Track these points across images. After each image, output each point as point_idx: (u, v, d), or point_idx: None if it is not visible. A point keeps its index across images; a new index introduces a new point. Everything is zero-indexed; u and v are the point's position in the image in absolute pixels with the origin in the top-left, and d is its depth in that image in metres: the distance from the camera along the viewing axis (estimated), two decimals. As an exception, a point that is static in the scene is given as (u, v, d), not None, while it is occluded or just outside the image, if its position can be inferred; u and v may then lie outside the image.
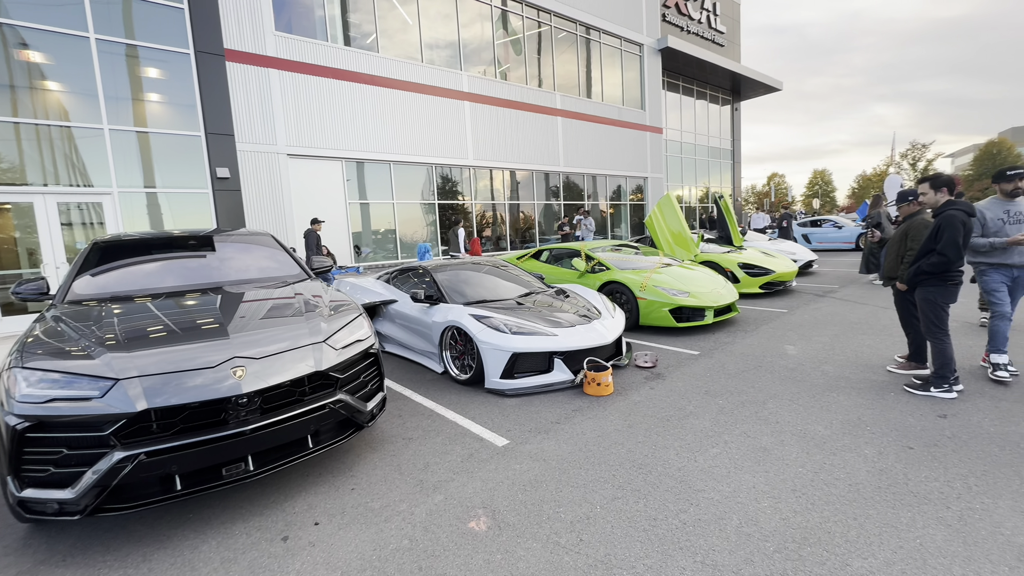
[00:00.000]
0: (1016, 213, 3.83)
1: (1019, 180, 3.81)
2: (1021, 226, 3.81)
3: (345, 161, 11.52)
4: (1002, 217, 3.84)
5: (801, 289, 8.79)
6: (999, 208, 3.87)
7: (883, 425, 3.19)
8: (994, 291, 3.90)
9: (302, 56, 10.69)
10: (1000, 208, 3.87)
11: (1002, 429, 3.05)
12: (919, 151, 50.38)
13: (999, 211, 3.86)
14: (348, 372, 2.83)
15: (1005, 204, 3.87)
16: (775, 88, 25.80)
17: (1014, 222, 3.82)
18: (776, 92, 26.48)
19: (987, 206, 3.93)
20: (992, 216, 3.87)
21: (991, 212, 3.89)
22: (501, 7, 14.50)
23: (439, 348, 4.63)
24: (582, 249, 7.29)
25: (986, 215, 3.90)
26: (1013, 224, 3.82)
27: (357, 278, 6.55)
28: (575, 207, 17.10)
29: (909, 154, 50.93)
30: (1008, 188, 3.85)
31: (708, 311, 5.86)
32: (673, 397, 3.87)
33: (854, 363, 4.50)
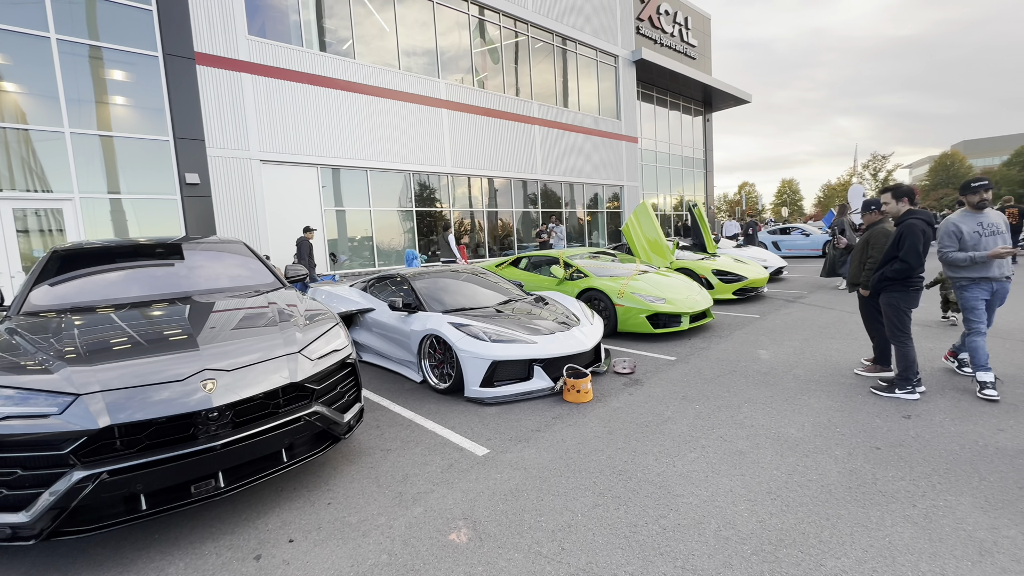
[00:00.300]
0: (990, 225, 3.74)
1: (984, 192, 3.71)
2: (997, 238, 3.72)
3: (321, 167, 11.35)
4: (977, 230, 3.74)
5: (772, 295, 9.05)
6: (972, 221, 3.77)
7: (852, 426, 3.29)
8: (974, 308, 3.79)
9: (276, 61, 10.52)
10: (974, 221, 3.77)
11: (962, 428, 3.19)
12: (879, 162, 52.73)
13: (973, 224, 3.76)
14: (324, 383, 2.77)
15: (977, 216, 3.77)
16: (744, 100, 26.66)
17: (989, 234, 3.73)
18: (746, 104, 27.36)
19: (961, 220, 3.82)
20: (968, 230, 3.76)
21: (966, 225, 3.77)
22: (478, 16, 14.61)
23: (418, 357, 4.58)
24: (560, 256, 7.34)
25: (962, 228, 3.78)
26: (989, 236, 3.73)
27: (333, 286, 6.43)
28: (553, 214, 17.24)
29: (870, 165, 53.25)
30: (975, 200, 3.74)
31: (684, 317, 5.97)
32: (651, 403, 3.92)
33: (823, 366, 4.64)
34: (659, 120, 23.97)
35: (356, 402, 3.07)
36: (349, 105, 11.68)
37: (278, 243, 10.56)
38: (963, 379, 4.09)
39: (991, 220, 3.76)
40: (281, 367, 2.60)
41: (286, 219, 10.81)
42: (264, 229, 10.35)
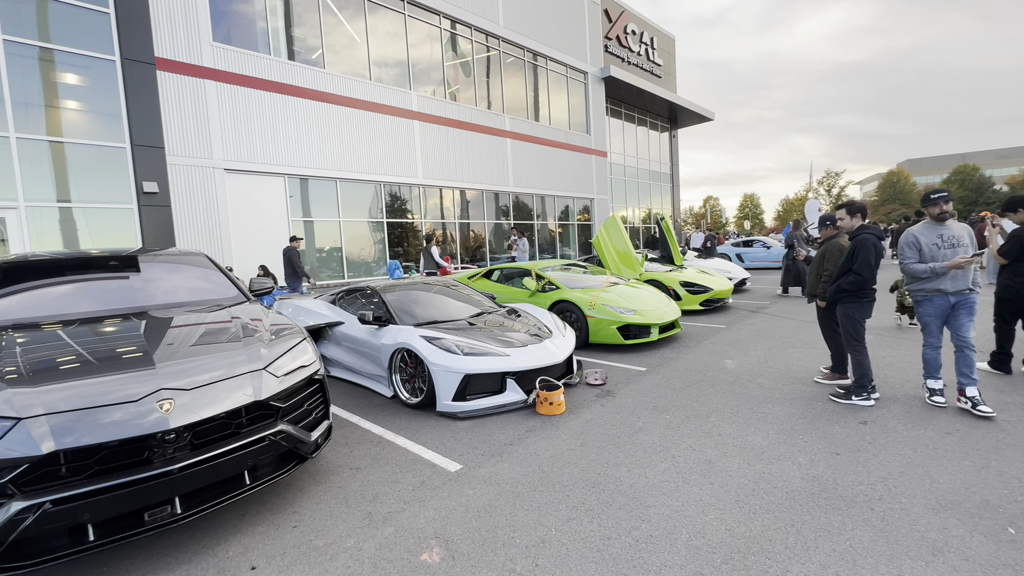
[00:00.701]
0: (950, 237, 3.71)
1: (943, 203, 3.69)
2: (957, 250, 3.68)
3: (288, 177, 11.11)
4: (936, 242, 3.73)
5: (737, 306, 9.35)
6: (932, 233, 3.75)
7: (813, 433, 3.41)
8: (927, 325, 3.83)
9: (242, 68, 10.29)
10: (934, 233, 3.75)
11: (914, 432, 3.36)
12: (833, 179, 55.66)
13: (933, 236, 3.74)
14: (290, 401, 2.68)
15: (937, 228, 3.75)
16: (708, 118, 27.73)
17: (949, 246, 3.71)
18: (709, 121, 28.44)
19: (921, 232, 3.81)
20: (927, 241, 3.75)
21: (926, 237, 3.76)
22: (450, 30, 14.73)
23: (388, 371, 4.49)
24: (533, 269, 7.39)
25: (921, 240, 3.77)
26: (948, 248, 3.70)
27: (300, 299, 6.25)
28: (515, 228, 17.37)
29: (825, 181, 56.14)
30: (935, 212, 3.73)
31: (654, 328, 6.09)
32: (623, 414, 3.96)
33: (786, 375, 4.81)
34: (627, 135, 24.63)
35: (324, 419, 2.98)
36: (318, 115, 11.51)
37: (242, 255, 10.23)
38: (914, 386, 4.32)
39: (953, 232, 3.72)
40: (244, 385, 2.50)
41: (251, 230, 10.50)
42: (227, 240, 10.02)
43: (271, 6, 10.90)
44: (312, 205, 11.66)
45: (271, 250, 10.73)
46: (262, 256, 10.43)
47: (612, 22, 22.00)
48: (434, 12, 14.11)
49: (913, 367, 4.85)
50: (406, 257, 13.70)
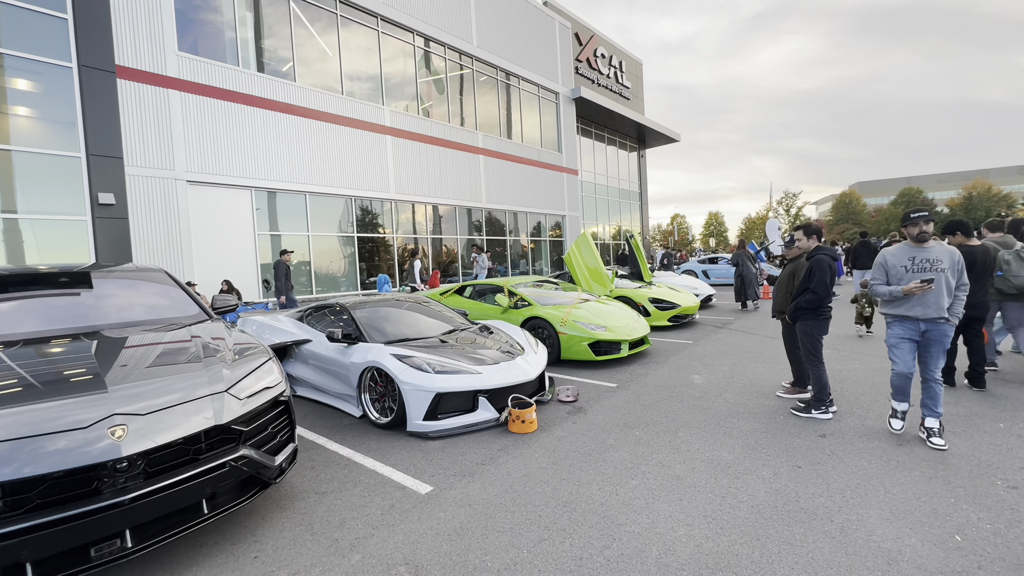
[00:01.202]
0: (922, 260, 3.46)
1: (923, 223, 3.44)
2: (928, 275, 3.43)
3: (255, 190, 10.84)
4: (905, 264, 3.52)
5: (703, 321, 9.61)
6: (904, 255, 3.55)
7: (776, 447, 3.52)
8: (893, 347, 3.60)
9: (209, 79, 10.06)
10: (905, 255, 3.55)
11: (869, 445, 3.51)
12: (791, 199, 58.40)
13: (903, 258, 3.55)
14: (254, 424, 2.59)
15: (911, 250, 3.53)
16: (674, 139, 28.74)
17: (918, 269, 3.47)
18: (675, 143, 29.48)
19: (894, 252, 3.62)
20: (895, 263, 3.56)
21: (895, 259, 3.57)
22: (424, 48, 14.85)
23: (358, 390, 4.40)
24: (505, 285, 7.41)
25: (889, 261, 3.59)
26: (916, 272, 3.47)
27: (266, 316, 6.06)
28: (497, 242, 17.45)
29: (784, 201, 58.82)
30: (914, 232, 3.49)
31: (624, 344, 6.18)
32: (594, 431, 3.98)
33: (750, 390, 4.96)
34: (597, 154, 25.24)
35: (289, 442, 2.88)
36: (288, 127, 11.34)
37: (205, 269, 9.87)
38: (868, 398, 4.52)
39: (930, 255, 3.47)
40: (204, 408, 2.40)
41: (215, 244, 10.16)
42: (188, 254, 9.65)
43: (240, 17, 10.75)
44: (280, 218, 11.40)
45: (236, 265, 10.40)
46: (226, 271, 10.09)
47: (582, 45, 22.68)
48: (408, 30, 14.22)
49: (868, 380, 5.09)
50: (376, 271, 13.52)
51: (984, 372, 4.71)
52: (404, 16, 13.97)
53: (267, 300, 10.51)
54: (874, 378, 5.16)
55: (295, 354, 5.22)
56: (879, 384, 4.94)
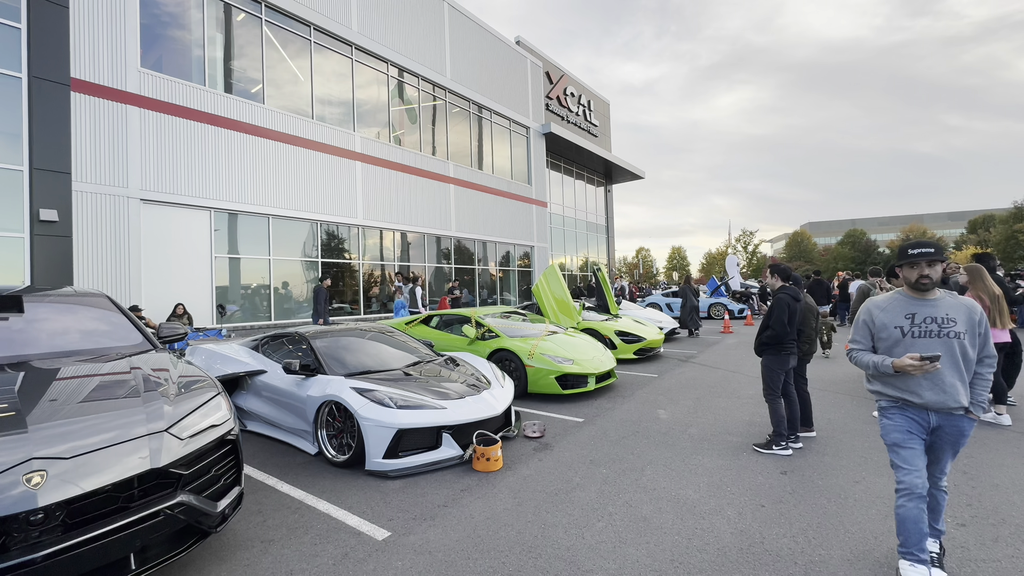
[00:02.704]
0: (928, 320, 2.33)
1: (927, 264, 2.32)
2: (934, 341, 2.30)
3: (215, 211, 10.48)
4: (902, 324, 2.37)
5: (668, 354, 9.78)
6: (898, 310, 2.41)
7: (740, 485, 3.54)
8: (895, 444, 2.38)
9: (172, 97, 9.81)
10: (902, 310, 2.40)
11: (827, 482, 3.58)
12: (748, 237, 61.42)
13: (898, 315, 2.40)
14: (196, 466, 2.39)
15: (911, 304, 2.39)
16: (639, 176, 29.92)
17: (923, 334, 2.33)
18: (640, 179, 30.69)
19: (885, 305, 2.46)
20: (888, 320, 2.42)
21: (885, 314, 2.43)
22: (397, 78, 15.06)
23: (314, 426, 4.18)
24: (473, 316, 7.34)
25: (875, 318, 2.46)
26: (921, 338, 2.33)
27: (218, 344, 5.76)
28: (466, 271, 17.43)
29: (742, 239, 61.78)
30: (912, 277, 2.36)
31: (591, 378, 6.19)
32: (560, 468, 3.91)
33: (714, 425, 5.02)
34: (566, 187, 25.93)
35: (235, 486, 2.68)
36: (254, 149, 11.13)
37: (155, 293, 9.36)
38: (825, 431, 4.65)
39: (939, 312, 2.34)
40: (140, 449, 2.21)
41: (167, 266, 9.69)
42: (137, 278, 9.15)
43: (210, 36, 10.63)
44: (240, 241, 11.03)
45: (189, 288, 9.92)
46: (178, 295, 9.60)
47: (553, 83, 23.59)
48: (382, 59, 14.42)
49: (826, 412, 5.25)
50: (340, 297, 13.18)
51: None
52: (379, 47, 14.18)
53: (220, 326, 10.02)
54: (829, 411, 5.33)
55: (248, 386, 4.97)
56: (833, 416, 5.10)
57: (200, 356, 5.43)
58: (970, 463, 3.84)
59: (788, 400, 4.44)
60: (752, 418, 5.22)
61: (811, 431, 4.65)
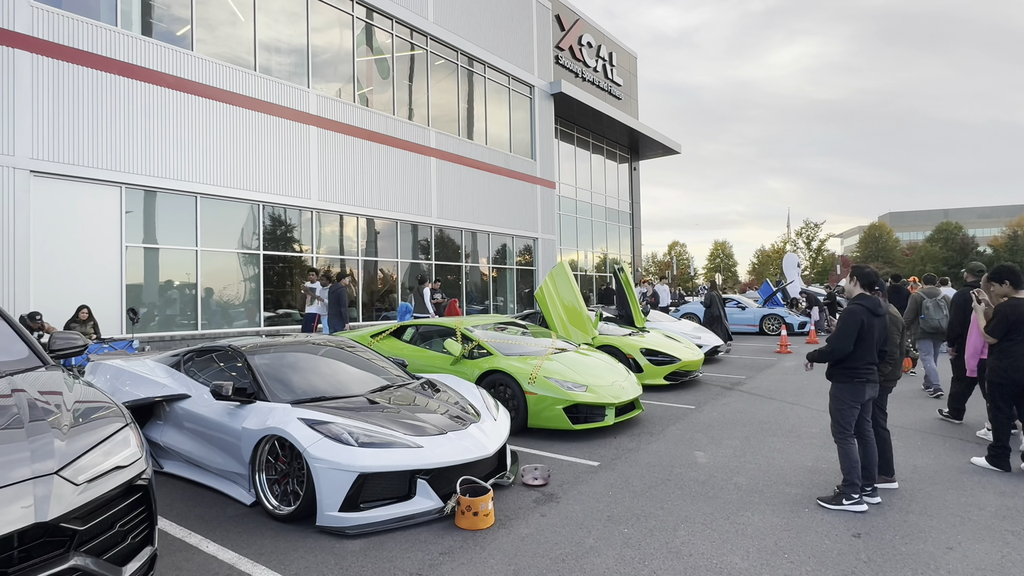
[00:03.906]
0: None
1: None
2: None
3: (127, 188, 10.46)
4: None
5: (707, 380, 9.79)
6: None
7: (800, 551, 3.53)
8: None
9: (74, 40, 9.80)
10: None
11: (913, 548, 3.57)
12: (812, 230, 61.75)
13: None
14: (95, 520, 2.36)
15: None
16: (674, 150, 30.09)
17: None
18: (675, 155, 30.84)
19: None
20: None
21: None
22: (365, 20, 15.09)
23: (251, 467, 4.18)
24: (458, 327, 7.34)
25: None
26: None
27: (128, 360, 5.75)
28: (451, 268, 17.43)
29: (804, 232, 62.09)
30: None
31: (609, 409, 6.18)
32: (570, 527, 3.89)
33: (766, 472, 5.02)
34: (580, 164, 25.99)
35: (145, 545, 2.65)
36: (179, 109, 11.12)
37: (46, 292, 9.33)
38: (911, 481, 4.65)
39: None
40: (22, 497, 2.17)
41: (63, 257, 9.65)
42: (24, 272, 9.11)
43: (125, -35, 10.63)
44: (160, 227, 11.01)
45: (92, 287, 9.88)
46: (78, 295, 9.55)
47: (565, 31, 23.70)
48: (346, -4, 14.45)
49: (910, 457, 5.25)
50: (286, 298, 13.16)
51: None
52: (342, -21, 14.23)
53: (131, 336, 9.98)
54: (914, 455, 5.33)
55: (165, 415, 4.97)
56: (920, 462, 5.10)
57: (104, 375, 5.42)
58: None
59: (863, 440, 4.43)
60: (816, 464, 5.22)
61: (892, 481, 4.66)
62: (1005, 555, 3.48)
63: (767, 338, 16.93)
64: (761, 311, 18.29)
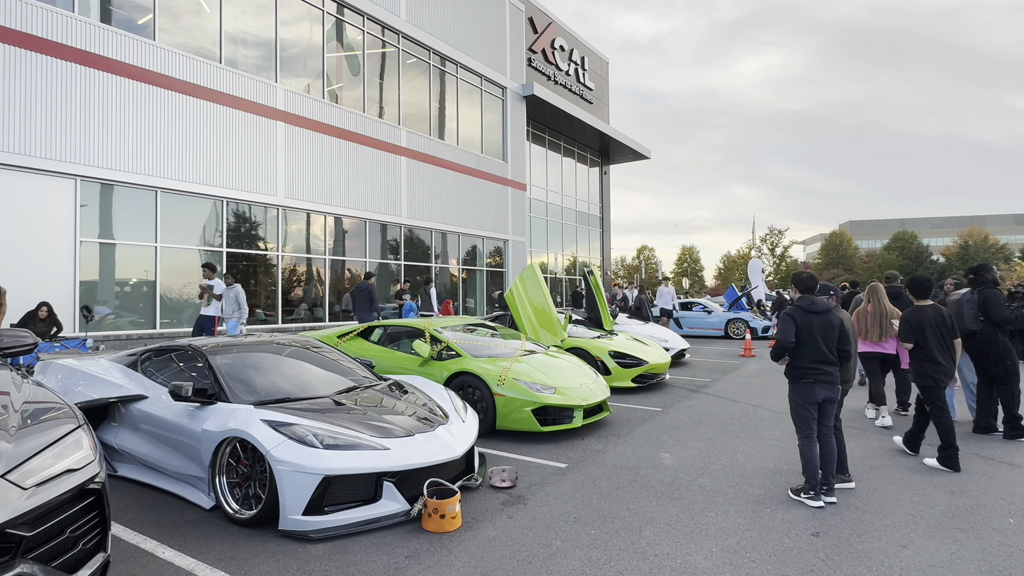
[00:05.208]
0: None
1: None
2: None
3: (83, 180, 10.12)
4: None
5: (674, 383, 9.95)
6: None
7: (761, 550, 3.62)
8: None
9: (27, 25, 9.44)
10: None
11: (869, 546, 3.70)
12: (776, 237, 63.46)
13: None
14: (44, 525, 2.28)
15: None
16: (644, 155, 30.51)
17: None
18: (645, 160, 31.28)
19: None
20: None
21: None
22: (336, 15, 14.90)
23: (211, 471, 4.09)
24: (426, 328, 7.30)
25: None
26: None
27: (81, 359, 5.58)
28: (420, 269, 17.33)
29: (768, 239, 63.75)
30: None
31: (577, 411, 6.23)
32: (537, 528, 3.91)
33: (730, 473, 5.13)
34: (551, 166, 26.16)
35: (98, 551, 2.58)
36: (140, 101, 10.81)
37: (-8, 286, 8.92)
38: (867, 481, 4.81)
39: None
40: (-35, 502, 2.09)
41: (13, 253, 9.27)
42: (-30, 264, 8.71)
43: (83, -51, 10.29)
44: (117, 222, 10.67)
45: (45, 283, 9.51)
46: (29, 291, 9.18)
47: (538, 33, 23.83)
48: (316, -10, 14.26)
49: (867, 458, 5.43)
50: (251, 298, 12.91)
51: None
52: (312, -27, 14.04)
53: (84, 335, 9.64)
54: (871, 457, 5.52)
55: (121, 416, 4.85)
56: (877, 463, 5.28)
57: (55, 375, 5.28)
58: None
59: (821, 442, 4.61)
60: (777, 464, 5.36)
61: (848, 481, 4.83)
62: (954, 552, 3.62)
63: (732, 342, 17.30)
64: (726, 315, 18.68)
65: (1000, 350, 6.22)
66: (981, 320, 6.27)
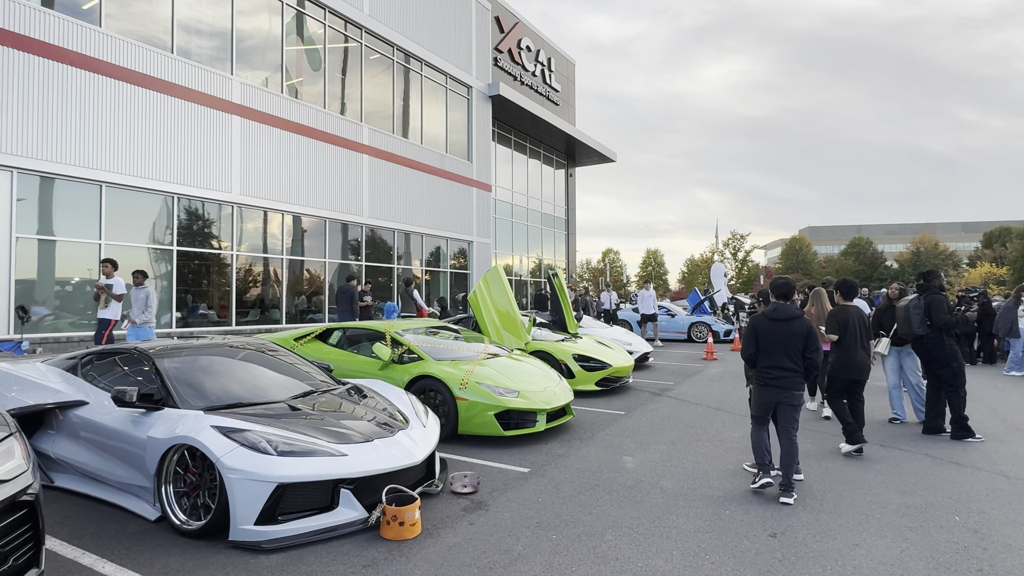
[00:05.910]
0: None
1: None
2: None
3: (20, 173, 9.67)
4: None
5: (638, 386, 10.10)
6: None
7: (721, 551, 3.71)
8: None
9: (-41, 6, 8.96)
10: None
11: (824, 546, 3.83)
12: (739, 241, 65.17)
13: None
14: (-31, 541, 2.17)
15: None
16: (610, 159, 30.93)
17: None
18: (611, 163, 31.71)
19: None
20: None
21: None
22: (295, 7, 14.65)
23: (157, 480, 3.97)
24: (387, 331, 7.24)
25: None
26: None
27: (15, 363, 5.35)
28: (382, 270, 17.15)
29: (731, 243, 65.42)
30: None
31: (541, 415, 6.27)
32: (498, 534, 3.92)
33: (691, 476, 5.24)
34: (517, 168, 26.25)
35: (31, 567, 2.48)
36: (84, 90, 10.40)
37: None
38: (822, 481, 4.98)
39: None
40: None
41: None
42: None
43: (23, -72, 9.85)
44: (57, 217, 10.24)
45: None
46: None
47: (504, 33, 23.90)
48: (276, -19, 14.00)
49: (822, 459, 5.62)
50: (202, 299, 12.55)
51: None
52: (272, -37, 13.78)
53: (20, 337, 9.21)
54: (826, 458, 5.72)
55: (58, 424, 4.68)
56: (831, 464, 5.48)
57: (-14, 380, 5.02)
58: (981, 520, 4.24)
59: (783, 440, 4.95)
60: (738, 467, 5.50)
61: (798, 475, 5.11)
62: (904, 550, 3.78)
63: (695, 345, 17.67)
64: (689, 319, 19.08)
65: (946, 353, 6.55)
66: (928, 324, 6.57)
